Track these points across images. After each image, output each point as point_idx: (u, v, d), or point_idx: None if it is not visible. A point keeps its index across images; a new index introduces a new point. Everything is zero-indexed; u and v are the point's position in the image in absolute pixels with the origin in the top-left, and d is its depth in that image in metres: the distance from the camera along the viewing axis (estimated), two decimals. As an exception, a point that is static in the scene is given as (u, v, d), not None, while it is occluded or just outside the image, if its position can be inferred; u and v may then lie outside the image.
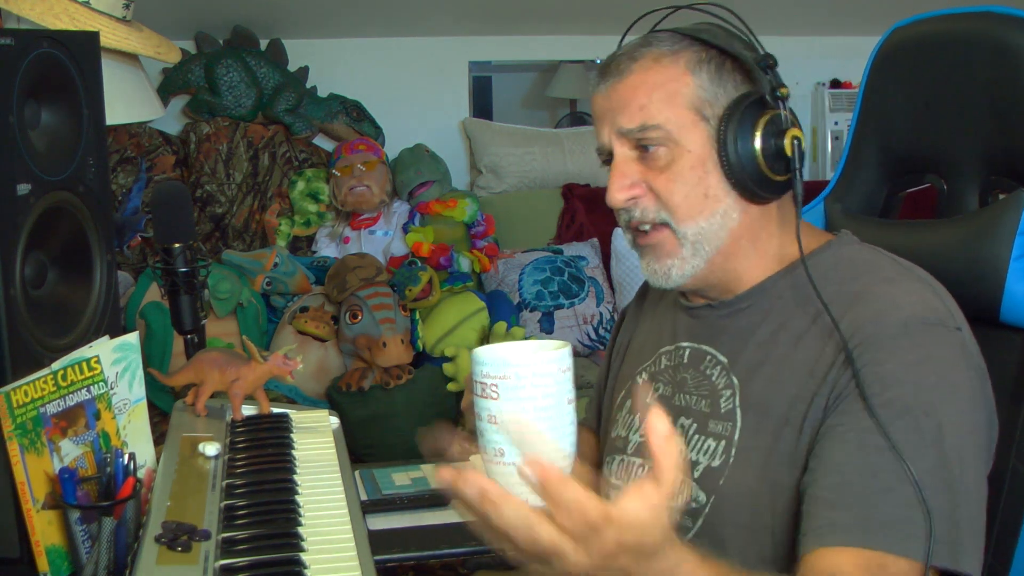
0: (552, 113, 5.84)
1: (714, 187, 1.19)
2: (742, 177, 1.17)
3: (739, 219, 1.20)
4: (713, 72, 1.19)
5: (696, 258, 1.20)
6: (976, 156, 1.33)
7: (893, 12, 1.58)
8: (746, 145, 1.17)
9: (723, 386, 1.21)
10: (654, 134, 1.18)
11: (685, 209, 1.19)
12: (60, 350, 1.35)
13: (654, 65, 1.19)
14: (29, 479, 1.18)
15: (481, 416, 1.06)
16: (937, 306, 1.12)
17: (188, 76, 3.66)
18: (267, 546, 1.13)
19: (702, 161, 1.18)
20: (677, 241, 1.20)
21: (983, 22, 1.30)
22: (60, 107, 1.44)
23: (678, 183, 1.18)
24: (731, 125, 1.17)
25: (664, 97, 1.18)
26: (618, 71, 1.20)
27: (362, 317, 3.14)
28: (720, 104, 1.18)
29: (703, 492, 1.18)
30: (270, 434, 1.48)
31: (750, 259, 1.23)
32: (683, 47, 1.19)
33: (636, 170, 1.20)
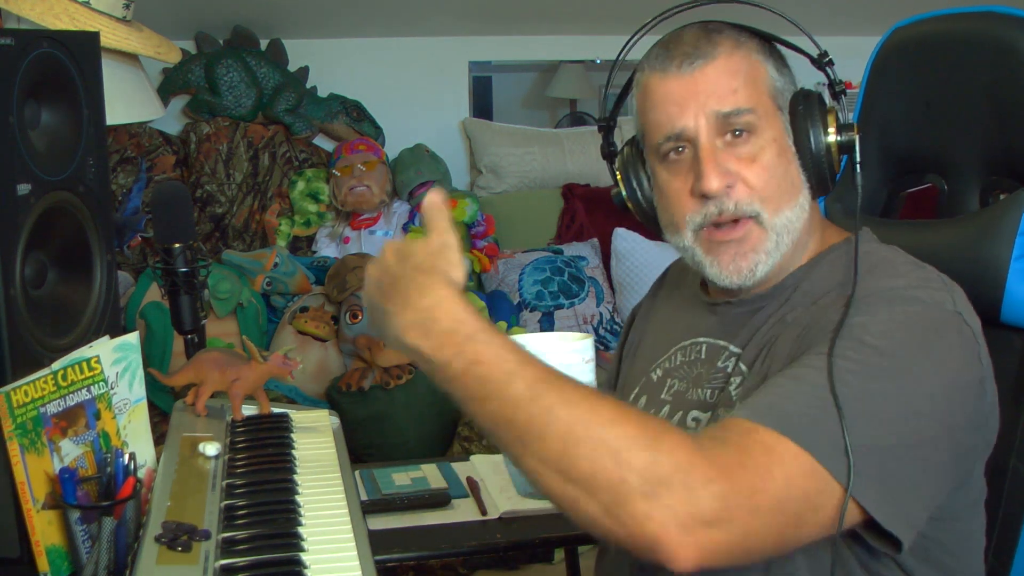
0: (552, 113, 5.84)
1: (795, 175, 1.19)
2: (820, 169, 1.18)
3: (808, 210, 1.20)
4: (778, 61, 1.20)
5: (777, 251, 1.18)
6: (977, 156, 1.33)
7: (893, 12, 1.58)
8: (822, 138, 1.17)
9: (735, 373, 1.20)
10: (748, 119, 1.15)
11: (777, 199, 1.17)
12: (60, 350, 1.34)
13: (736, 51, 1.17)
14: (29, 479, 1.18)
15: None
16: (940, 295, 1.09)
17: (188, 76, 3.66)
18: (267, 546, 1.13)
19: (784, 150, 1.18)
20: (764, 234, 1.17)
21: (983, 22, 1.30)
22: (60, 107, 1.44)
23: (770, 172, 1.16)
24: (807, 117, 1.17)
25: (752, 82, 1.17)
26: (703, 54, 1.16)
27: (362, 317, 3.14)
28: (786, 96, 1.19)
29: None
30: (270, 434, 1.48)
31: (795, 253, 1.21)
32: (746, 37, 1.19)
33: (726, 158, 1.16)
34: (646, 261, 3.63)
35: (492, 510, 1.90)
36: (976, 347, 1.09)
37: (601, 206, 3.89)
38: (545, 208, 3.94)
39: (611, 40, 4.21)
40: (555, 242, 3.84)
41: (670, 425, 0.98)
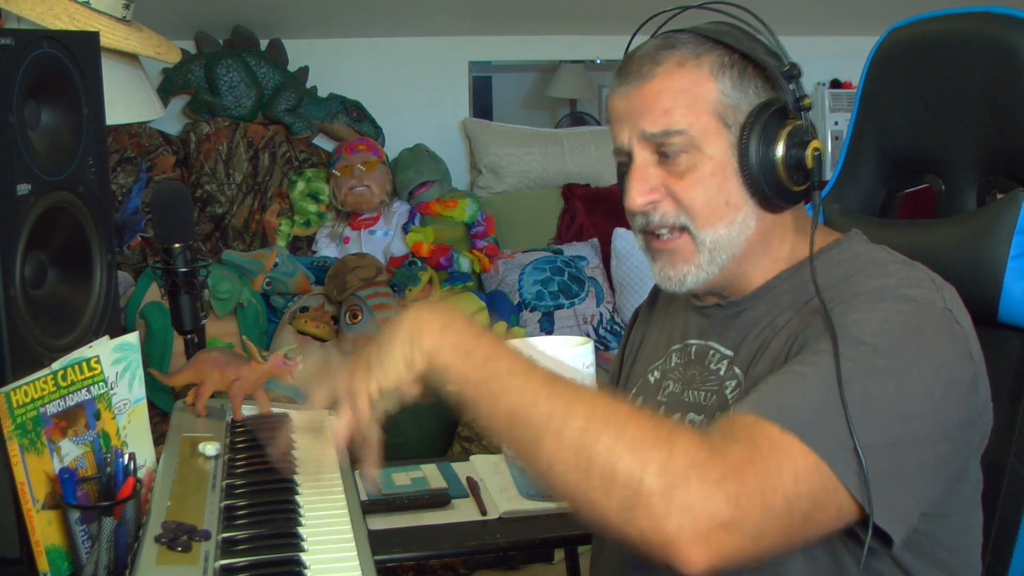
0: (552, 113, 5.84)
1: (734, 194, 1.18)
2: (761, 186, 1.17)
3: (755, 227, 1.20)
4: (736, 77, 1.17)
5: (712, 265, 1.20)
6: (974, 156, 1.34)
7: (893, 12, 1.58)
8: (767, 154, 1.16)
9: (728, 377, 1.21)
10: (677, 140, 1.16)
11: (706, 215, 1.18)
12: (60, 350, 1.35)
13: (677, 69, 1.17)
14: (29, 479, 1.18)
15: None
16: (930, 294, 1.10)
17: (188, 76, 3.66)
18: (267, 546, 1.13)
19: (723, 168, 1.17)
20: (695, 247, 1.20)
21: (981, 22, 1.30)
22: (60, 107, 1.44)
23: (699, 188, 1.17)
24: (753, 133, 1.16)
25: (688, 102, 1.16)
26: (640, 74, 1.18)
27: (362, 317, 3.15)
28: (742, 111, 1.17)
29: None
30: (270, 434, 1.48)
31: (760, 263, 1.22)
32: (706, 50, 1.18)
33: (656, 174, 1.19)
34: (646, 261, 3.62)
35: (492, 510, 1.90)
36: (967, 345, 1.09)
37: (601, 206, 3.89)
38: (545, 208, 3.94)
39: (611, 40, 4.22)
40: (555, 242, 3.84)
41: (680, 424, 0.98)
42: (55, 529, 1.21)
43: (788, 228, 1.23)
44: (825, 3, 3.82)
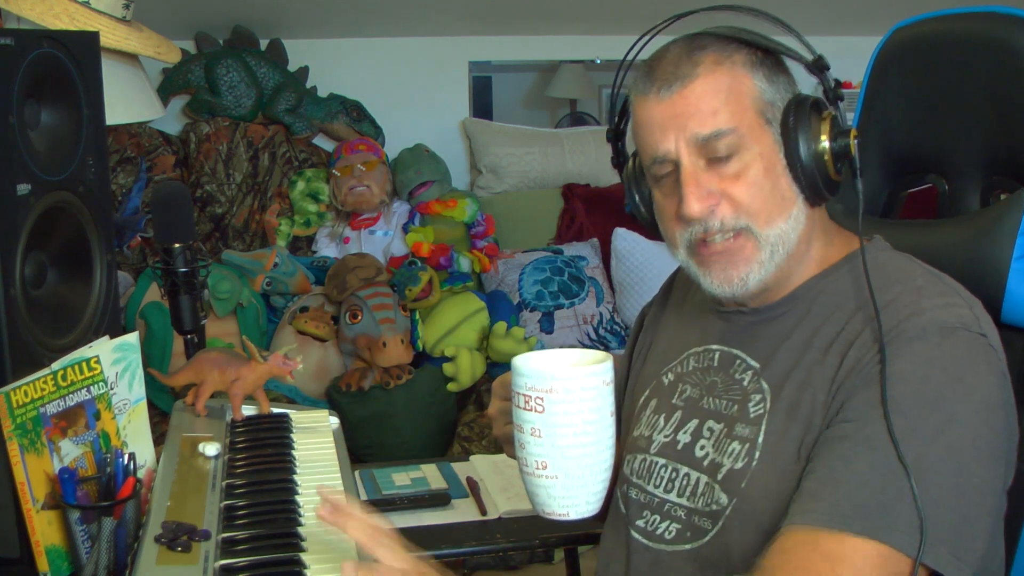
0: (552, 113, 5.85)
1: (787, 189, 1.17)
2: (813, 179, 1.16)
3: (804, 221, 1.19)
4: (767, 72, 1.17)
5: (772, 262, 1.18)
6: (977, 156, 1.33)
7: (894, 12, 1.58)
8: (813, 147, 1.16)
9: (753, 390, 1.19)
10: (729, 139, 1.14)
11: (767, 213, 1.16)
12: (60, 350, 1.34)
13: (717, 68, 1.15)
14: (29, 479, 1.18)
15: (523, 428, 1.05)
16: (962, 312, 1.11)
17: (188, 76, 3.66)
18: (267, 546, 1.13)
19: (772, 164, 1.16)
20: (758, 245, 1.17)
21: (984, 22, 1.30)
22: (60, 107, 1.44)
23: (756, 188, 1.16)
24: (798, 127, 1.15)
25: (734, 100, 1.15)
26: (681, 76, 1.15)
27: (362, 317, 3.14)
28: (777, 107, 1.17)
29: (725, 494, 1.17)
30: (270, 434, 1.48)
31: (802, 262, 1.21)
32: (734, 49, 1.17)
33: (708, 179, 1.16)
34: (646, 261, 3.63)
35: (492, 510, 1.90)
36: (1002, 367, 1.11)
37: (601, 206, 3.89)
38: (545, 208, 3.94)
39: (611, 40, 4.22)
40: (555, 242, 3.84)
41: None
42: (55, 529, 1.20)
43: (820, 225, 1.23)
44: (826, 3, 3.82)
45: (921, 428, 1.04)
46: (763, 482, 1.14)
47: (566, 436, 1.04)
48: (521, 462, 1.08)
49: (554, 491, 1.06)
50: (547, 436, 1.04)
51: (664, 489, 1.24)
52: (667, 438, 1.26)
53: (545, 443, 1.04)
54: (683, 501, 1.21)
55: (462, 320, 3.34)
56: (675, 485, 1.23)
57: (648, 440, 1.29)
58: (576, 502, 1.07)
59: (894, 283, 1.15)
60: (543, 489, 1.06)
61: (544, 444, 1.04)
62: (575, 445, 1.04)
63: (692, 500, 1.20)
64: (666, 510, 1.23)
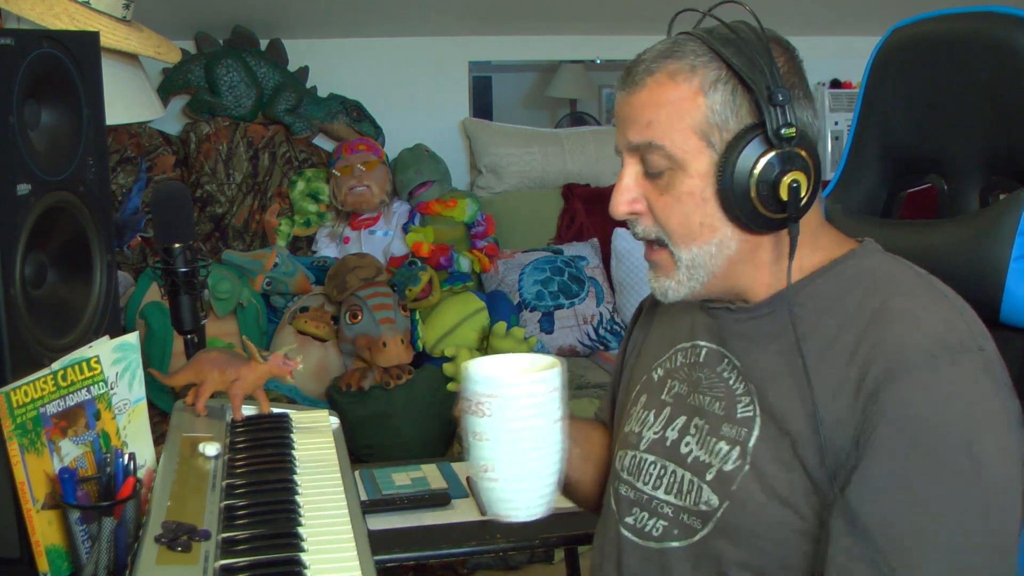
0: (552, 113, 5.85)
1: (711, 216, 1.15)
2: (736, 210, 1.14)
3: (737, 247, 1.17)
4: (728, 95, 1.13)
5: (692, 281, 1.19)
6: (977, 156, 1.33)
7: (893, 12, 1.58)
8: (743, 179, 1.13)
9: (741, 392, 1.19)
10: (657, 155, 1.15)
11: (681, 234, 1.17)
12: (60, 350, 1.34)
13: (668, 81, 1.14)
14: (29, 479, 1.18)
15: (470, 431, 1.07)
16: (958, 326, 1.09)
17: (188, 76, 3.66)
18: (267, 546, 1.13)
19: (701, 188, 1.15)
20: (674, 263, 1.19)
21: (984, 22, 1.30)
22: (60, 107, 1.44)
23: (674, 208, 1.16)
24: (732, 157, 1.13)
25: (673, 117, 1.14)
26: (633, 82, 1.17)
27: (362, 317, 3.14)
28: (730, 130, 1.13)
29: (716, 495, 1.16)
30: (270, 434, 1.48)
31: (752, 278, 1.20)
32: (702, 63, 1.14)
33: (640, 186, 1.19)
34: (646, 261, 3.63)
35: (492, 510, 1.89)
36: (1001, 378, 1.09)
37: (601, 206, 3.89)
38: (545, 208, 3.94)
39: (611, 40, 4.23)
40: (555, 242, 3.84)
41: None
42: (55, 529, 1.20)
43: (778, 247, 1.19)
44: (825, 3, 3.82)
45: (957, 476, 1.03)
46: (752, 488, 1.14)
47: (509, 441, 1.06)
48: (470, 464, 1.10)
49: (499, 493, 1.09)
50: (492, 440, 1.06)
51: (653, 486, 1.24)
52: (656, 435, 1.27)
53: (489, 447, 1.07)
54: (670, 498, 1.21)
55: (462, 320, 3.34)
56: (663, 482, 1.23)
57: (638, 436, 1.29)
58: (519, 505, 1.10)
59: (881, 287, 1.13)
60: (488, 491, 1.09)
61: (489, 448, 1.07)
62: (519, 451, 1.07)
63: (679, 497, 1.20)
64: (654, 507, 1.23)
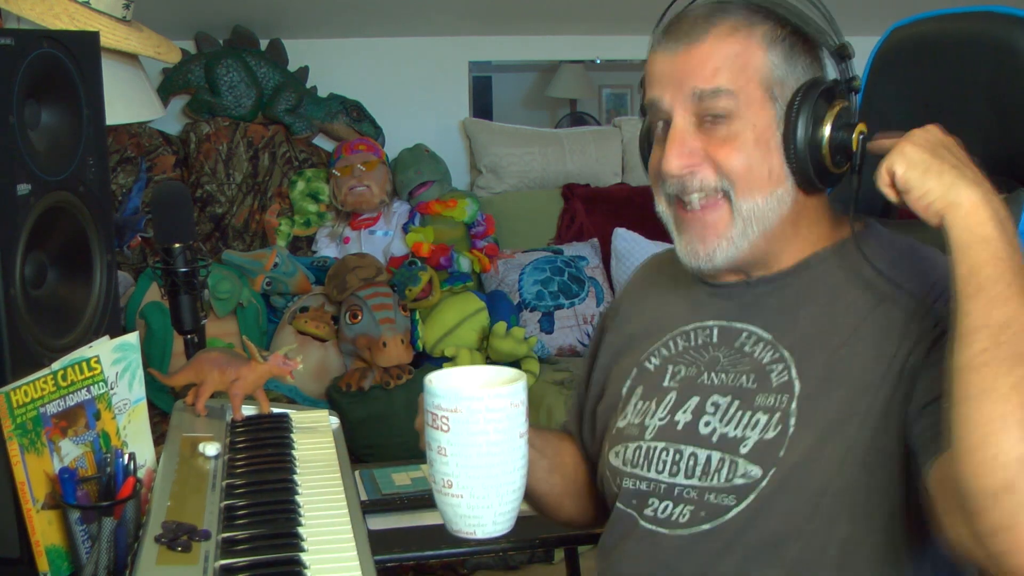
0: (552, 113, 5.85)
1: (776, 168, 1.17)
2: (805, 165, 1.16)
3: (791, 205, 1.19)
4: (787, 50, 1.17)
5: (743, 239, 1.18)
6: (976, 156, 1.33)
7: (893, 12, 1.58)
8: (814, 134, 1.15)
9: (770, 360, 1.19)
10: (725, 102, 1.15)
11: (747, 181, 1.16)
12: (60, 350, 1.34)
13: (731, 34, 1.16)
14: (29, 479, 1.18)
15: (431, 446, 1.06)
16: None
17: (188, 76, 3.66)
18: (267, 546, 1.13)
19: (766, 139, 1.16)
20: (731, 217, 1.17)
21: (983, 22, 1.30)
22: (60, 107, 1.44)
23: (742, 155, 1.16)
24: (802, 110, 1.15)
25: (739, 67, 1.15)
26: (692, 34, 1.16)
27: (362, 317, 3.14)
28: (788, 86, 1.16)
29: (756, 466, 1.15)
30: (270, 434, 1.48)
31: (789, 243, 1.21)
32: (759, 20, 1.17)
33: (696, 139, 1.17)
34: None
35: (492, 510, 1.89)
36: None
37: (601, 206, 3.89)
38: (545, 208, 3.94)
39: (611, 40, 4.22)
40: (555, 242, 3.84)
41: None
42: (55, 529, 1.20)
43: (818, 211, 1.22)
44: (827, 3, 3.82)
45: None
46: (802, 448, 1.13)
47: (470, 456, 1.04)
48: (430, 478, 1.08)
49: (460, 510, 1.07)
50: (452, 455, 1.05)
51: (669, 473, 1.21)
52: (663, 421, 1.24)
53: (451, 462, 1.05)
54: (693, 482, 1.19)
55: (462, 320, 3.34)
56: (680, 467, 1.21)
57: (640, 427, 1.26)
58: (483, 521, 1.08)
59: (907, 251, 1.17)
60: (450, 507, 1.07)
61: (450, 463, 1.05)
62: (480, 466, 1.05)
63: (704, 479, 1.18)
64: (677, 494, 1.20)
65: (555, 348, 3.51)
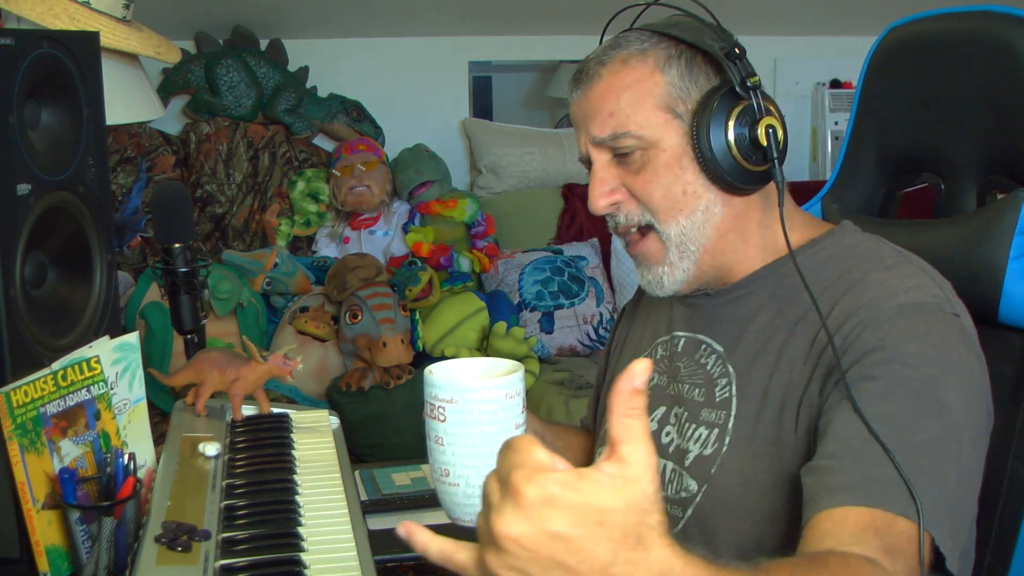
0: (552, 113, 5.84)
1: (692, 183, 1.18)
2: (718, 171, 1.16)
3: (722, 213, 1.19)
4: (684, 68, 1.17)
5: (684, 261, 1.20)
6: (974, 156, 1.34)
7: (893, 11, 1.58)
8: (719, 138, 1.16)
9: (718, 375, 1.21)
10: (626, 141, 1.17)
11: (665, 208, 1.18)
12: (60, 350, 1.35)
13: (622, 68, 1.18)
14: (29, 479, 1.18)
15: (430, 435, 1.07)
16: (935, 292, 1.11)
17: (188, 76, 3.66)
18: (267, 546, 1.13)
19: (677, 159, 1.17)
20: (662, 245, 1.20)
21: (981, 21, 1.30)
22: (60, 107, 1.44)
23: (655, 183, 1.18)
24: (703, 119, 1.16)
25: (634, 100, 1.17)
26: (587, 78, 1.20)
27: (362, 317, 3.15)
28: (692, 99, 1.17)
29: (694, 480, 1.18)
30: (270, 434, 1.48)
31: (739, 251, 1.22)
32: (651, 45, 1.18)
33: (615, 175, 1.20)
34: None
35: (492, 510, 1.90)
36: (978, 349, 1.11)
37: (601, 206, 3.89)
38: (545, 208, 3.95)
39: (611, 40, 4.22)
40: (555, 242, 3.84)
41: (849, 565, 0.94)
42: (55, 529, 1.21)
43: (761, 212, 1.22)
44: (825, 3, 3.82)
45: (921, 407, 1.02)
46: (735, 468, 1.15)
47: (466, 446, 1.06)
48: (430, 467, 1.10)
49: (457, 498, 1.08)
50: (448, 445, 1.06)
51: None
52: None
53: (447, 451, 1.06)
54: None
55: (462, 320, 3.34)
56: None
57: None
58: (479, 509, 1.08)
59: (860, 263, 1.15)
60: (448, 496, 1.09)
61: (446, 452, 1.06)
62: (475, 455, 1.06)
63: (663, 489, 1.18)
64: None
65: (555, 348, 3.51)
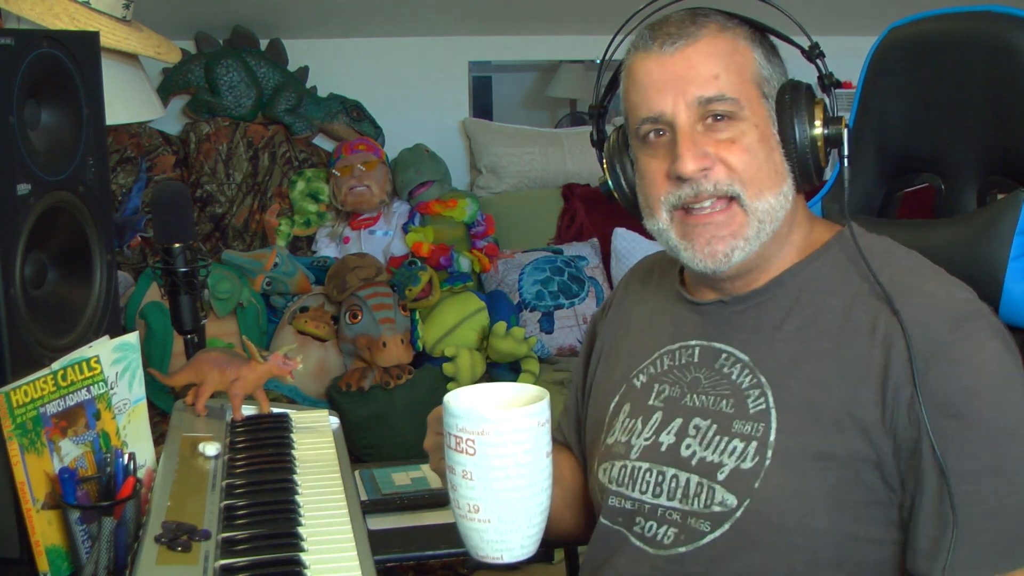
0: (552, 113, 5.84)
1: (779, 164, 1.17)
2: (804, 160, 1.17)
3: (792, 202, 1.19)
4: (767, 52, 1.19)
5: (757, 239, 1.17)
6: (974, 156, 1.34)
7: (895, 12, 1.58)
8: (803, 129, 1.16)
9: (749, 385, 1.17)
10: (729, 105, 1.14)
11: (759, 182, 1.15)
12: (60, 350, 1.35)
13: (720, 34, 1.16)
14: (29, 479, 1.18)
15: (455, 470, 1.02)
16: (967, 294, 1.13)
17: (188, 76, 3.66)
18: (267, 546, 1.13)
19: (766, 137, 1.16)
20: (747, 218, 1.16)
21: (981, 21, 1.30)
22: (60, 107, 1.44)
23: (751, 155, 1.15)
24: (796, 108, 1.16)
25: (736, 68, 1.16)
26: (685, 35, 1.16)
27: (362, 317, 3.15)
28: (773, 85, 1.18)
29: (732, 495, 1.14)
30: (270, 434, 1.48)
31: (782, 247, 1.21)
32: (736, 23, 1.18)
33: (704, 141, 1.15)
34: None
35: (492, 510, 1.89)
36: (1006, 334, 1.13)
37: (601, 206, 3.89)
38: (545, 208, 3.94)
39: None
40: (555, 242, 3.84)
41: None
42: (55, 529, 1.21)
43: (801, 212, 1.23)
44: (825, 3, 3.82)
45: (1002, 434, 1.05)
46: (779, 483, 1.12)
47: (499, 480, 1.00)
48: (453, 503, 1.04)
49: (487, 535, 1.03)
50: (479, 479, 1.00)
51: (653, 494, 1.20)
52: (648, 441, 1.23)
53: (477, 486, 1.01)
54: (675, 504, 1.18)
55: (462, 320, 3.34)
56: (663, 489, 1.19)
57: (627, 446, 1.25)
58: (511, 545, 1.04)
59: (883, 265, 1.15)
60: (476, 532, 1.03)
61: (476, 487, 1.01)
62: (508, 489, 1.01)
63: (685, 502, 1.17)
64: (660, 515, 1.19)
65: (555, 348, 3.51)
